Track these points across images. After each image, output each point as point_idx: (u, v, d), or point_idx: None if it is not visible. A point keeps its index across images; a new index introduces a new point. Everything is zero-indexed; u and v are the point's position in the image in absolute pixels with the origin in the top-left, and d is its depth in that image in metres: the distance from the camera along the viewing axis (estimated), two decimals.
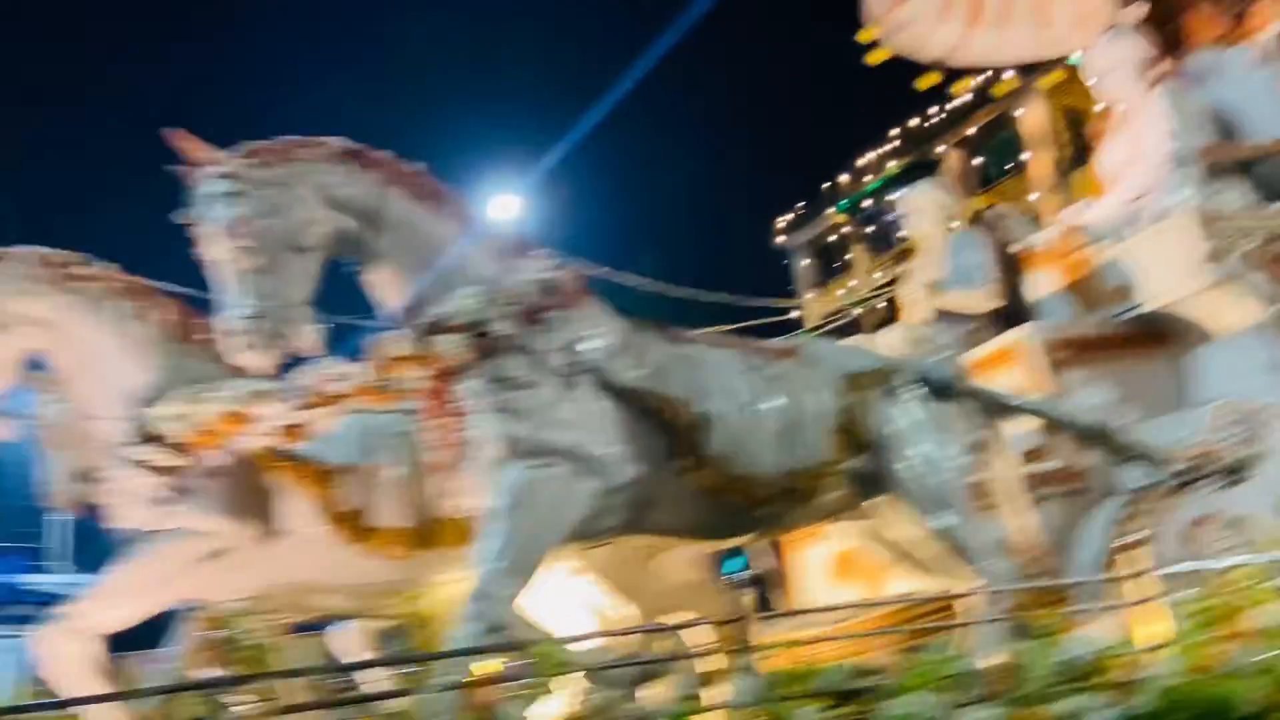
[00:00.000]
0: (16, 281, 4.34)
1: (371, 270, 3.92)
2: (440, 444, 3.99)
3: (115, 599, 4.21)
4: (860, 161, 10.10)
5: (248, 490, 4.39)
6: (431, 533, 4.45)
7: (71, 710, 3.53)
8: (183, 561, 4.25)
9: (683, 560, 4.59)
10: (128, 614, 4.26)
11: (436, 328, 3.77)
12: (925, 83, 7.83)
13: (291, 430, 4.28)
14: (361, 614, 4.96)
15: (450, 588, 4.64)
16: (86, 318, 4.40)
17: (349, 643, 5.29)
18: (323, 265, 3.82)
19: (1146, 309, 5.96)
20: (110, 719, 3.76)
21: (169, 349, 4.45)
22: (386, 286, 3.92)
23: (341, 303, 4.15)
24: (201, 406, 4.22)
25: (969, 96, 8.91)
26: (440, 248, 3.89)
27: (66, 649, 4.05)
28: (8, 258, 4.39)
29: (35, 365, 4.54)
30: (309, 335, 3.79)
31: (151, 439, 4.22)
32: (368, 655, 5.16)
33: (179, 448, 4.22)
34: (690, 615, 4.40)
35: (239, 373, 4.34)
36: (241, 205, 3.70)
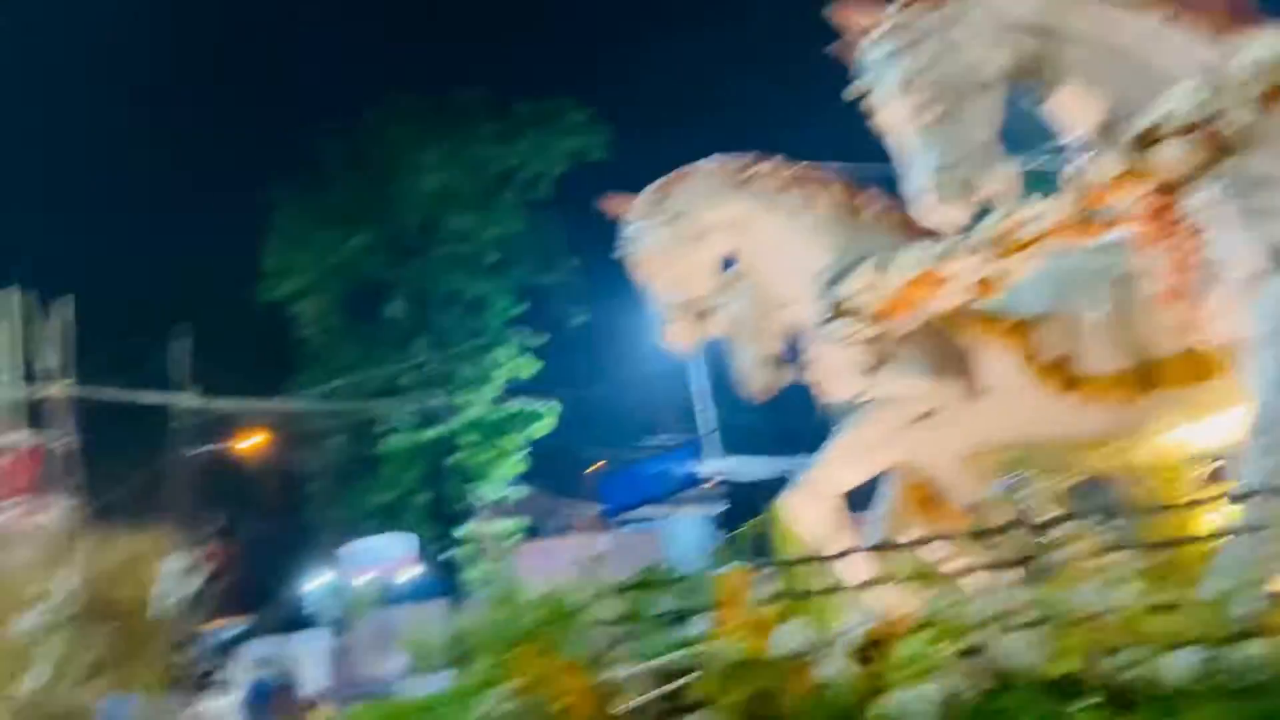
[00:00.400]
0: (703, 194, 4.60)
1: (1059, 92, 3.60)
2: (1167, 271, 3.58)
3: (844, 463, 4.40)
4: None
5: (946, 351, 4.33)
6: (1152, 375, 4.06)
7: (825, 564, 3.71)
8: (895, 426, 4.32)
9: None
10: (856, 476, 4.45)
11: (1152, 137, 3.35)
12: None
13: (985, 284, 4.10)
14: (1063, 468, 4.71)
15: (1174, 434, 4.23)
16: (767, 214, 4.57)
17: (1033, 500, 5.10)
18: (1004, 98, 3.59)
19: None
20: (858, 572, 3.92)
21: (842, 228, 4.50)
22: (1080, 106, 3.57)
23: (1023, 138, 3.88)
24: (888, 275, 4.19)
25: None
26: (1139, 46, 3.45)
27: (813, 509, 4.31)
28: (692, 173, 4.67)
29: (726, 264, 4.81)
30: (1002, 178, 3.58)
31: (845, 314, 4.29)
32: (1055, 512, 4.92)
33: (873, 318, 4.25)
34: None
35: (911, 238, 4.27)
36: (911, 58, 3.59)
